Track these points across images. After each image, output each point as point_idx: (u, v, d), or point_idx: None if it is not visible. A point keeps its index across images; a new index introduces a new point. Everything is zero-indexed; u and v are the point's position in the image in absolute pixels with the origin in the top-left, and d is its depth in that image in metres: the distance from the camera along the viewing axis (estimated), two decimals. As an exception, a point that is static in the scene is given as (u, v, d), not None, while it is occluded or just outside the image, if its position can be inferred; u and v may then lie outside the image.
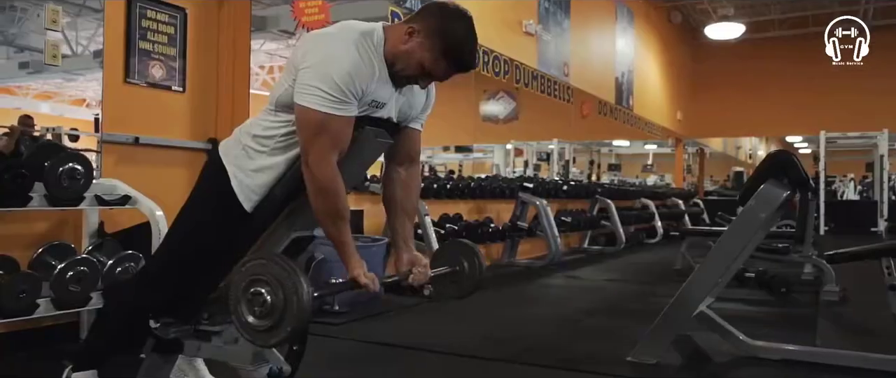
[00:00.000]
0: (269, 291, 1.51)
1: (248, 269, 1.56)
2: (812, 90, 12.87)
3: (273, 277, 1.52)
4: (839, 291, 4.65)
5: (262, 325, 1.53)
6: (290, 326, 1.51)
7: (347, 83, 1.63)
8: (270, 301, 1.51)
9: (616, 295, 5.02)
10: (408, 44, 1.70)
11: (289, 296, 1.50)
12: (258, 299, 1.52)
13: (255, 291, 1.53)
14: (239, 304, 1.55)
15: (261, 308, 1.52)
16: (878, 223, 11.44)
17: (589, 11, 8.89)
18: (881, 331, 3.69)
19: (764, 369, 2.86)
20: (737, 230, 2.81)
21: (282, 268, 1.51)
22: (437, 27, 1.69)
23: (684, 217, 11.21)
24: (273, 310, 1.51)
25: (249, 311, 1.54)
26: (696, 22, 13.25)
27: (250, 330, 1.56)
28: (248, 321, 1.54)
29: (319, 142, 1.64)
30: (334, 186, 1.66)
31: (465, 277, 2.02)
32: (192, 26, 3.75)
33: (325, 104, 1.62)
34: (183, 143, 3.73)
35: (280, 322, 1.51)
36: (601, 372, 2.79)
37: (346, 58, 1.65)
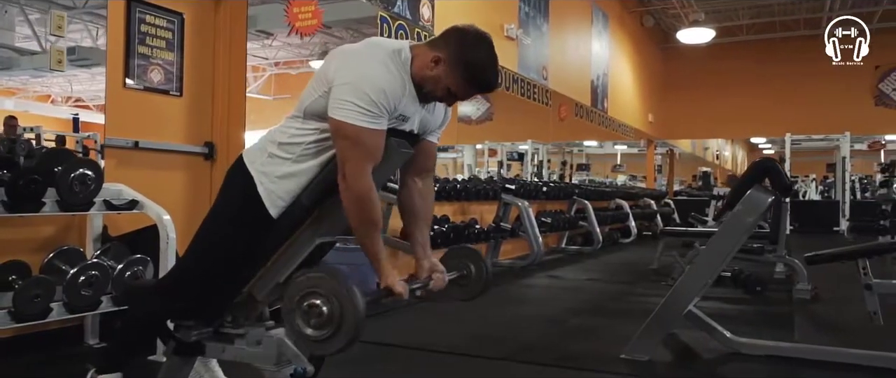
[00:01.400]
0: (325, 302, 1.59)
1: (300, 283, 1.64)
2: (778, 93, 13.28)
3: (328, 289, 1.60)
4: (811, 290, 4.87)
5: (320, 335, 1.61)
6: (347, 335, 1.59)
7: (381, 99, 1.72)
8: (327, 312, 1.59)
9: (598, 294, 5.16)
10: (434, 71, 1.80)
11: (345, 306, 1.58)
12: (314, 311, 1.60)
13: (310, 304, 1.61)
14: (294, 317, 1.63)
15: (318, 319, 1.60)
16: (841, 223, 11.84)
17: (567, 15, 9.06)
18: (857, 327, 3.88)
19: (749, 365, 3.01)
20: (726, 233, 2.96)
21: (336, 280, 1.59)
22: (461, 58, 1.79)
23: (656, 217, 11.47)
24: (330, 320, 1.59)
25: (306, 323, 1.61)
26: (667, 26, 13.55)
27: (307, 340, 1.64)
28: (306, 333, 1.62)
29: (356, 154, 1.72)
30: (370, 196, 1.74)
31: (473, 281, 2.12)
32: (189, 30, 3.79)
33: (361, 119, 1.70)
34: (180, 147, 3.77)
35: (337, 331, 1.59)
36: (598, 369, 2.91)
37: (380, 75, 1.74)
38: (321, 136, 1.85)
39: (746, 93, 13.49)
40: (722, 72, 13.59)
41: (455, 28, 1.88)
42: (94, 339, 3.09)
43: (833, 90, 12.79)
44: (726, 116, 13.96)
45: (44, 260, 2.70)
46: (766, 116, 13.61)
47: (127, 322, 2.14)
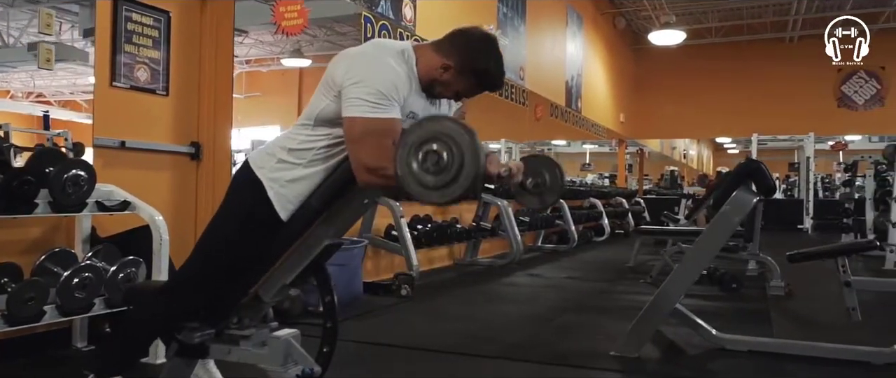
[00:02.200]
0: (444, 148, 1.53)
1: (418, 131, 1.58)
2: (745, 94, 13.57)
3: (446, 135, 1.54)
4: (784, 287, 5.01)
5: (440, 182, 1.55)
6: (469, 179, 1.52)
7: (390, 90, 1.73)
8: (446, 157, 1.53)
9: (579, 292, 5.24)
10: (443, 77, 1.83)
11: (466, 149, 1.51)
12: (433, 157, 1.54)
13: (428, 150, 1.55)
14: (410, 164, 1.56)
15: (436, 165, 1.54)
16: (804, 221, 12.15)
17: (543, 17, 9.15)
18: (831, 322, 4.02)
19: (734, 360, 3.10)
20: (713, 232, 3.04)
21: (455, 123, 1.54)
22: (469, 66, 1.82)
23: (628, 215, 11.65)
24: (450, 166, 1.53)
25: (423, 170, 1.55)
26: (638, 28, 13.75)
27: (426, 189, 1.57)
28: (426, 181, 1.56)
29: (370, 140, 1.70)
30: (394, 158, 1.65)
31: (548, 189, 2.07)
32: (176, 29, 3.75)
33: (372, 110, 1.70)
34: (167, 146, 3.73)
35: (457, 176, 1.52)
36: (590, 366, 2.97)
37: (389, 70, 1.76)
38: (331, 141, 1.86)
39: (715, 94, 13.76)
40: (691, 73, 13.85)
41: (461, 33, 1.89)
42: (82, 342, 3.06)
43: (798, 92, 13.12)
44: (695, 116, 14.23)
45: (36, 262, 2.66)
46: (734, 117, 13.90)
47: (129, 325, 2.13)
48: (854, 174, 10.69)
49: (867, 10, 12.06)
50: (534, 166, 2.03)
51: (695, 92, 13.86)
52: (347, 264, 4.25)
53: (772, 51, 13.47)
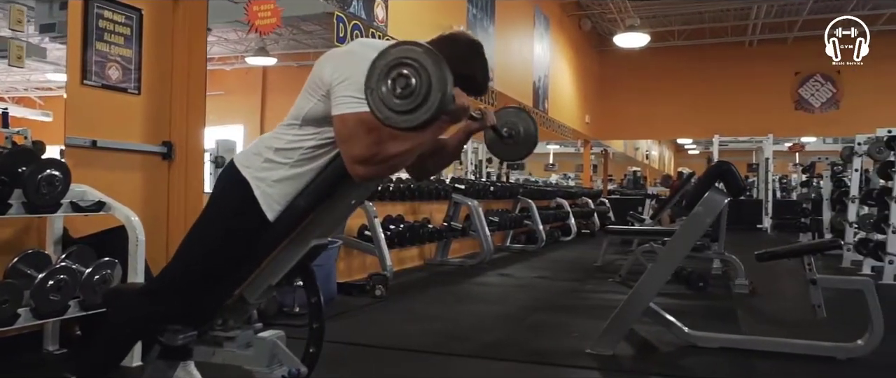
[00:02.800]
0: (413, 73, 1.55)
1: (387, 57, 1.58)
2: (707, 97, 13.87)
3: (415, 60, 1.55)
4: (749, 285, 5.15)
5: (407, 105, 1.56)
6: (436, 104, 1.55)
7: None
8: (414, 83, 1.55)
9: (550, 291, 5.30)
10: None
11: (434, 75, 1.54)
12: (401, 81, 1.55)
13: (398, 74, 1.56)
14: (380, 85, 1.57)
15: (405, 89, 1.55)
16: (764, 220, 12.48)
17: (511, 18, 9.22)
18: (795, 319, 4.16)
19: (705, 357, 3.18)
20: (686, 232, 3.12)
21: (430, 53, 1.56)
22: (456, 71, 1.82)
23: (594, 215, 11.81)
24: (418, 90, 1.54)
25: (392, 93, 1.56)
26: (603, 30, 13.95)
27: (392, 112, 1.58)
28: (394, 104, 1.57)
29: (360, 133, 1.70)
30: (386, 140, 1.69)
31: (521, 142, 2.11)
32: (148, 27, 3.70)
33: (362, 104, 1.68)
34: (138, 146, 3.67)
35: (424, 101, 1.54)
36: (568, 364, 3.02)
37: None
38: (319, 141, 1.86)
39: (677, 95, 14.03)
40: (655, 75, 14.09)
41: (447, 38, 1.91)
42: (53, 346, 2.99)
43: (757, 94, 13.45)
44: (659, 118, 14.48)
45: (8, 264, 2.60)
46: (696, 118, 14.20)
47: (110, 327, 2.10)
48: (812, 175, 11.02)
49: (823, 15, 12.44)
50: (508, 116, 2.07)
51: (658, 93, 14.10)
52: (323, 265, 4.23)
53: (732, 54, 13.79)
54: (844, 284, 3.41)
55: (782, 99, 13.48)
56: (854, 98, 12.93)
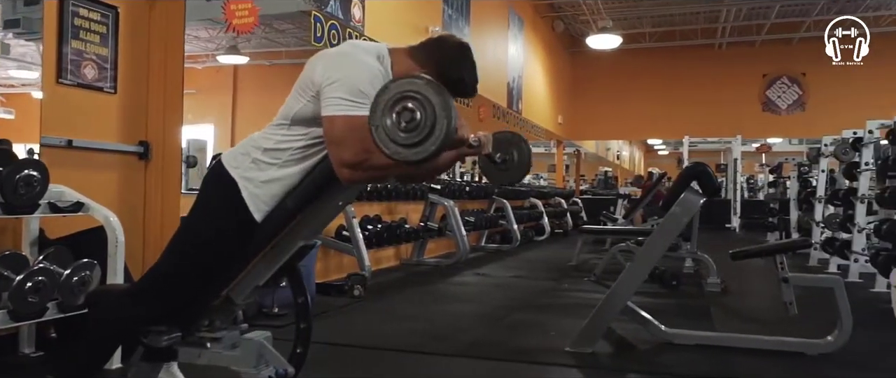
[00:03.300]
0: (418, 106, 1.55)
1: (393, 90, 1.59)
2: (677, 98, 14.08)
3: (419, 93, 1.56)
4: (721, 283, 5.26)
5: (412, 139, 1.57)
6: (441, 136, 1.55)
7: (368, 88, 1.73)
8: (419, 116, 1.56)
9: (527, 291, 5.35)
10: None
11: (439, 109, 1.54)
12: (407, 115, 1.56)
13: (402, 107, 1.57)
14: (384, 119, 1.58)
15: (409, 123, 1.56)
16: (732, 220, 12.71)
17: (486, 19, 9.27)
18: (767, 316, 4.26)
19: (681, 354, 3.25)
20: (664, 232, 3.18)
21: (431, 84, 1.57)
22: (442, 75, 1.84)
23: (567, 215, 11.93)
24: (423, 124, 1.55)
25: (397, 127, 1.57)
26: (575, 31, 14.08)
27: (397, 146, 1.58)
28: (399, 137, 1.57)
29: (351, 137, 1.71)
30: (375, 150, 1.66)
31: (515, 166, 2.13)
32: (124, 25, 3.65)
33: (352, 108, 1.72)
34: (114, 146, 3.63)
35: (430, 134, 1.55)
36: (548, 362, 3.07)
37: (366, 67, 1.78)
38: (308, 141, 1.87)
39: (648, 97, 14.22)
40: (626, 76, 14.26)
41: (437, 42, 1.94)
42: (29, 348, 2.95)
43: (726, 96, 13.70)
44: (630, 118, 14.66)
45: (-15, 266, 2.55)
46: (666, 119, 14.40)
47: (95, 329, 2.08)
48: (779, 176, 11.26)
49: (789, 19, 12.72)
50: (503, 141, 2.08)
51: (629, 94, 14.28)
52: (304, 264, 4.22)
53: (702, 56, 14.02)
54: (815, 283, 3.51)
55: (750, 100, 13.74)
56: (819, 100, 13.23)
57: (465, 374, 2.97)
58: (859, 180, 5.96)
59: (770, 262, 5.64)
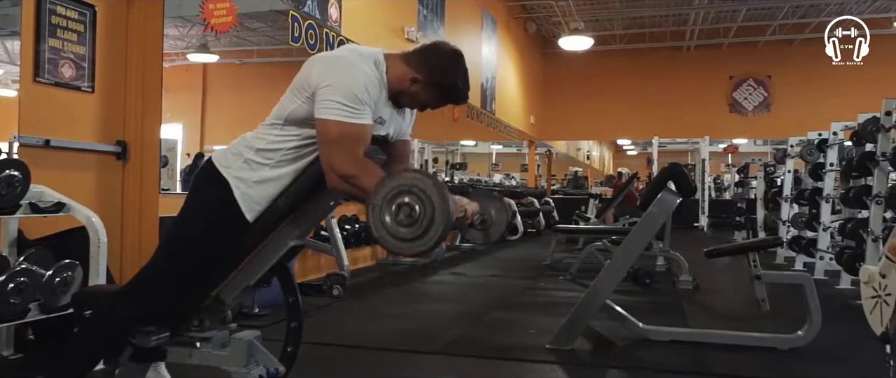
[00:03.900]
0: (415, 200, 1.59)
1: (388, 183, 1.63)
2: (646, 99, 14.30)
3: (417, 187, 1.60)
4: (692, 281, 5.38)
5: (413, 233, 1.61)
6: (439, 232, 1.60)
7: (364, 94, 1.78)
8: (418, 210, 1.60)
9: (505, 290, 5.40)
10: (411, 89, 1.91)
11: (438, 202, 1.58)
12: (405, 210, 1.60)
13: (401, 203, 1.60)
14: (383, 216, 1.62)
15: (409, 217, 1.60)
16: (700, 219, 12.95)
17: (460, 19, 9.33)
18: (738, 313, 4.37)
19: (658, 349, 3.33)
20: (642, 231, 3.25)
21: (427, 176, 1.62)
22: (436, 81, 1.90)
23: (539, 215, 12.03)
24: (422, 217, 1.59)
25: (397, 222, 1.61)
26: (548, 32, 14.21)
27: (400, 241, 1.63)
28: (400, 233, 1.61)
29: (344, 146, 1.74)
30: (367, 169, 1.73)
31: (494, 226, 2.12)
32: (102, 24, 3.62)
33: (347, 115, 1.75)
34: (92, 145, 3.60)
35: (429, 227, 1.59)
36: (529, 359, 3.11)
37: (362, 74, 1.81)
38: (301, 142, 1.89)
39: (619, 97, 14.42)
40: (597, 77, 14.44)
41: (431, 47, 1.97)
42: (8, 351, 2.91)
43: (694, 98, 13.95)
44: (601, 119, 14.85)
45: (-35, 267, 2.52)
46: (636, 120, 14.61)
47: (86, 330, 2.07)
48: (746, 176, 11.50)
49: (755, 22, 13.00)
50: (482, 202, 2.10)
51: (600, 95, 14.46)
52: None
53: (671, 58, 14.27)
54: (786, 280, 3.62)
55: (718, 102, 14.02)
56: (784, 102, 13.55)
57: (449, 372, 3.01)
58: (824, 180, 6.14)
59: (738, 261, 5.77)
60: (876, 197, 4.62)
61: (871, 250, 4.58)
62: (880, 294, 2.30)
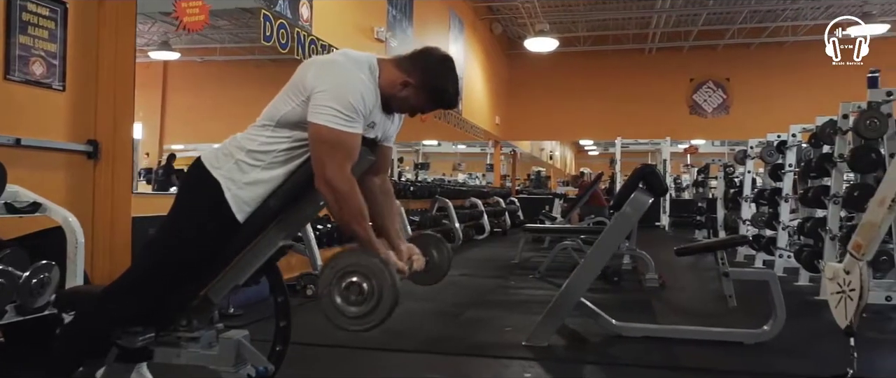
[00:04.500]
0: (363, 279, 1.71)
1: (335, 265, 1.74)
2: (609, 100, 14.52)
3: (364, 267, 1.72)
4: (658, 279, 5.51)
5: (362, 311, 1.73)
6: (390, 304, 1.73)
7: (359, 104, 1.82)
8: (366, 287, 1.72)
9: (476, 288, 5.45)
10: (403, 92, 1.94)
11: (382, 280, 1.71)
12: (355, 288, 1.72)
13: (349, 283, 1.72)
14: (333, 298, 1.73)
15: (358, 296, 1.72)
16: (662, 218, 13.21)
17: (428, 20, 9.37)
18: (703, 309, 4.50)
19: (631, 345, 3.42)
20: (615, 230, 3.34)
21: (371, 256, 1.72)
22: (427, 84, 1.94)
23: (505, 214, 12.15)
24: (370, 295, 1.72)
25: (347, 302, 1.73)
26: (513, 34, 14.34)
27: (351, 320, 1.75)
28: (350, 312, 1.74)
29: (337, 156, 1.79)
30: (354, 191, 1.80)
31: (436, 267, 2.25)
32: (73, 21, 3.56)
33: (341, 123, 1.78)
34: (63, 145, 3.54)
35: (377, 305, 1.72)
36: (507, 356, 3.17)
37: (359, 83, 1.84)
38: (293, 144, 1.91)
39: (583, 99, 14.61)
40: (561, 78, 14.60)
41: (423, 52, 2.01)
42: (-21, 353, 2.85)
43: (655, 99, 14.22)
44: (565, 119, 15.02)
45: (-61, 269, 2.46)
46: (600, 121, 14.83)
47: (72, 331, 2.05)
48: (706, 176, 11.78)
49: (715, 26, 13.32)
50: (423, 246, 2.20)
51: (564, 96, 14.63)
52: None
53: (633, 61, 14.52)
54: (751, 276, 3.74)
55: (678, 104, 14.31)
56: (742, 104, 13.91)
57: (432, 370, 3.04)
58: (783, 181, 6.35)
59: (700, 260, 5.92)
60: (833, 197, 4.81)
61: (828, 248, 4.77)
62: (845, 289, 2.42)
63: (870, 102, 4.36)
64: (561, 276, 5.74)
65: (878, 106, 4.32)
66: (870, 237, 2.36)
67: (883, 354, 3.49)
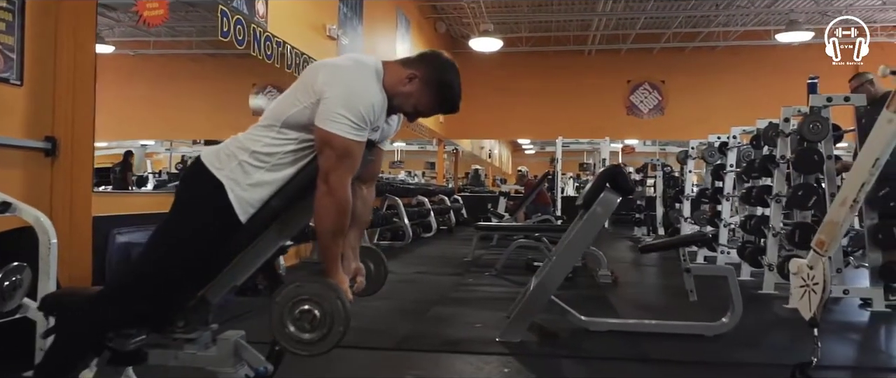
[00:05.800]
0: (316, 306, 1.77)
1: (287, 294, 1.79)
2: (550, 100, 14.80)
3: (314, 294, 1.78)
4: (611, 275, 5.69)
5: (316, 337, 1.80)
6: (341, 329, 1.79)
7: (369, 113, 1.83)
8: (318, 314, 1.78)
9: (435, 286, 5.49)
10: (407, 87, 1.95)
11: (334, 304, 1.77)
12: (307, 316, 1.78)
13: (302, 310, 1.78)
14: (286, 327, 1.81)
15: (311, 323, 1.79)
16: (601, 216, 13.56)
17: (377, 18, 9.36)
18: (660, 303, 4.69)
19: (599, 339, 3.54)
20: (585, 230, 3.44)
21: (320, 283, 1.78)
22: (435, 78, 1.97)
23: (450, 212, 12.25)
24: (322, 321, 1.78)
25: (301, 329, 1.80)
26: (457, 33, 14.44)
27: (304, 345, 1.83)
28: (303, 338, 1.82)
29: (343, 165, 1.80)
30: (348, 206, 1.82)
31: (373, 279, 2.30)
32: (31, 13, 3.43)
33: (352, 132, 1.79)
34: (20, 142, 3.40)
35: (331, 329, 1.79)
36: (483, 352, 3.23)
37: (369, 90, 1.85)
38: (299, 146, 1.90)
39: (524, 98, 14.82)
40: (504, 78, 14.77)
41: (431, 53, 2.04)
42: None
43: (594, 100, 14.60)
44: (507, 118, 15.22)
45: None
46: (541, 120, 15.10)
47: (65, 335, 1.99)
48: (645, 175, 12.17)
49: (652, 30, 13.77)
50: (364, 259, 2.25)
51: (506, 96, 14.81)
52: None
53: (573, 62, 14.85)
54: (711, 272, 3.93)
55: (616, 105, 14.72)
56: (677, 106, 14.42)
57: (413, 367, 3.06)
58: (725, 180, 6.65)
59: (644, 256, 6.11)
60: (776, 196, 5.08)
61: (771, 244, 5.03)
62: (808, 283, 2.58)
63: (812, 107, 4.63)
64: (516, 274, 5.87)
65: (819, 110, 4.59)
66: (832, 235, 2.53)
67: (842, 344, 3.73)
